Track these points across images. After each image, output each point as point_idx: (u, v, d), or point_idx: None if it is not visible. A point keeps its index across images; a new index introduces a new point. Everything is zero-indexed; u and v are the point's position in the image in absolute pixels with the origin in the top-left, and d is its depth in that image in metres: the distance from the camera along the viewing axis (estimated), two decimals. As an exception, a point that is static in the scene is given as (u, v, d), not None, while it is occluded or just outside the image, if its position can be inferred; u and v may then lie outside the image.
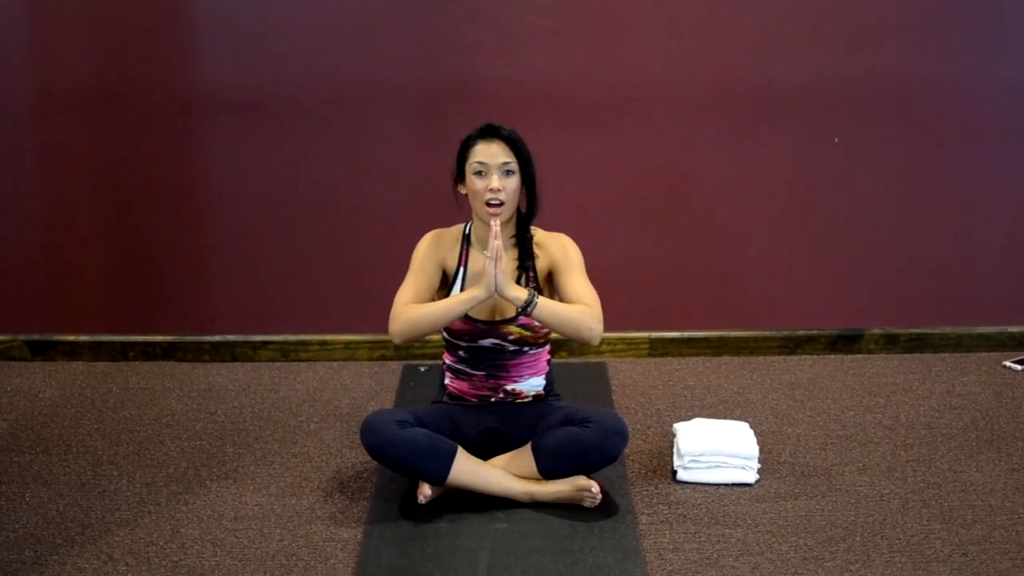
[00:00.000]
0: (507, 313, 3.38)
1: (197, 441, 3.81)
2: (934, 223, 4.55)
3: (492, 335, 3.37)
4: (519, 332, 3.37)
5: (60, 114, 4.41)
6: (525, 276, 3.39)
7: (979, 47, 4.42)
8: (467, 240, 3.44)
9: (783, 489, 3.42)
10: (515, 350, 3.40)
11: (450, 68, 4.36)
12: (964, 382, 4.29)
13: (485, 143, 3.33)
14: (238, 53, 4.35)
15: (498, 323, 3.38)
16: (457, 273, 3.42)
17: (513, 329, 3.37)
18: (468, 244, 3.44)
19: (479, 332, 3.37)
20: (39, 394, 4.24)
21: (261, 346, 4.58)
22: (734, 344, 4.60)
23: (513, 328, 3.37)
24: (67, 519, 3.26)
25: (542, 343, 3.45)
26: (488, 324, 3.37)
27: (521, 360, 3.43)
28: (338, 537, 3.14)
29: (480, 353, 3.41)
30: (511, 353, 3.41)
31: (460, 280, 3.41)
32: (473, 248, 3.43)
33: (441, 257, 3.43)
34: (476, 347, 3.40)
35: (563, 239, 3.46)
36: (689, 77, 4.39)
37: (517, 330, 3.37)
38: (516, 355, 3.42)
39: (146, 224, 4.51)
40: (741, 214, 4.53)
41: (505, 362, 3.42)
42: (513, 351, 3.41)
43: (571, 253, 3.42)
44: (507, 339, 3.38)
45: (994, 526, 3.18)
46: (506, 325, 3.37)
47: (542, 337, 3.42)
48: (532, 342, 3.41)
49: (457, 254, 3.43)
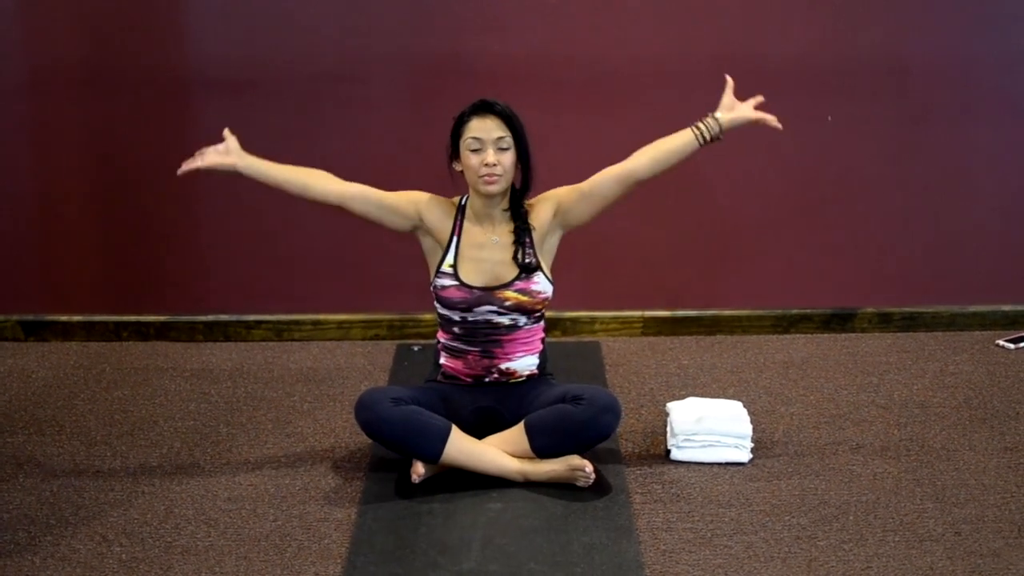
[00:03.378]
0: (503, 278, 3.38)
1: (190, 421, 3.81)
2: (927, 202, 4.55)
3: (488, 302, 3.38)
4: (516, 298, 3.38)
5: (51, 92, 4.39)
6: (522, 249, 3.39)
7: (973, 23, 4.41)
8: (462, 212, 3.45)
9: (777, 468, 3.42)
10: (510, 324, 3.40)
11: (443, 45, 4.34)
12: (957, 361, 4.29)
13: (479, 119, 3.34)
14: (230, 29, 4.34)
15: (494, 288, 3.38)
16: (450, 244, 3.42)
17: (510, 294, 3.37)
18: (463, 216, 3.44)
19: (475, 299, 3.37)
20: (32, 374, 4.23)
21: (254, 326, 4.57)
22: (727, 323, 4.60)
23: (510, 293, 3.37)
24: (61, 500, 3.26)
25: (538, 315, 3.45)
26: (484, 290, 3.38)
27: (515, 336, 3.43)
28: (332, 517, 3.14)
29: (475, 328, 3.41)
30: (506, 328, 3.41)
31: (454, 250, 3.41)
32: (467, 221, 3.44)
33: (434, 217, 3.44)
34: (470, 322, 3.40)
35: (545, 194, 3.49)
36: (681, 54, 4.38)
37: (514, 295, 3.38)
38: (511, 330, 3.42)
39: (139, 203, 4.49)
40: (734, 193, 4.52)
41: (500, 337, 3.42)
42: (508, 325, 3.40)
43: (558, 191, 3.47)
44: (503, 305, 3.38)
45: (987, 505, 3.19)
46: (502, 290, 3.38)
47: (539, 303, 3.42)
48: (529, 309, 3.40)
49: (451, 224, 3.43)
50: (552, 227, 3.45)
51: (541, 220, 3.44)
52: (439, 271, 3.41)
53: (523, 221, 3.42)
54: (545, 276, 3.42)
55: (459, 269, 3.40)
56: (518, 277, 3.37)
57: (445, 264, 3.41)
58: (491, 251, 3.40)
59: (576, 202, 3.44)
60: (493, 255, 3.40)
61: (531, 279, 3.39)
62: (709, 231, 4.55)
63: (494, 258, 3.40)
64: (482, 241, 3.41)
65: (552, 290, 3.45)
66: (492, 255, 3.40)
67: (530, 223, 3.43)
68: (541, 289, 3.41)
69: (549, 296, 3.45)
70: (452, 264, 3.40)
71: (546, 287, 3.42)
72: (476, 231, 3.42)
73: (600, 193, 3.43)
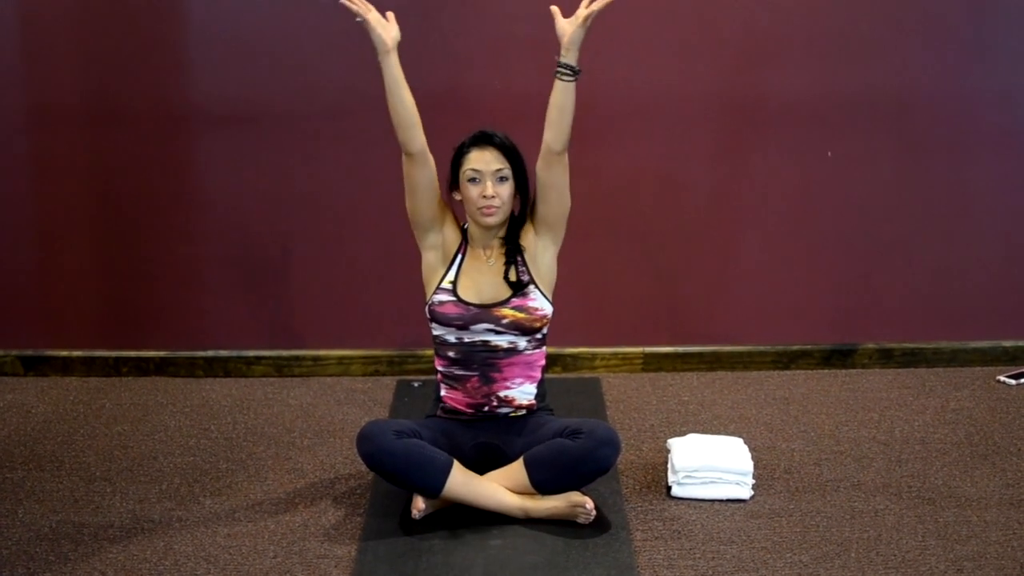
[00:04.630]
0: (500, 296, 3.39)
1: (190, 457, 3.80)
2: (928, 237, 4.56)
3: (485, 319, 3.38)
4: (513, 315, 3.38)
5: (53, 128, 4.40)
6: (514, 267, 3.43)
7: (972, 59, 4.43)
8: (465, 236, 3.49)
9: (778, 505, 3.41)
10: (508, 348, 3.40)
11: (441, 80, 4.35)
12: (958, 397, 4.29)
13: (479, 150, 3.38)
14: (229, 67, 4.35)
15: (491, 306, 3.39)
16: (453, 261, 3.45)
17: (507, 312, 3.38)
18: (466, 241, 3.48)
19: (471, 316, 3.38)
20: (32, 410, 4.22)
21: (254, 361, 4.57)
22: (728, 359, 4.59)
23: (507, 311, 3.38)
24: (60, 535, 3.25)
25: (538, 336, 3.45)
26: (481, 307, 3.39)
27: (514, 360, 3.42)
28: (332, 553, 3.13)
29: (471, 351, 3.41)
30: (504, 351, 3.41)
31: (455, 268, 3.44)
32: (469, 245, 3.48)
33: (448, 228, 3.47)
34: (467, 343, 3.40)
35: None
36: (682, 90, 4.40)
37: (511, 312, 3.38)
38: (509, 353, 3.41)
39: (139, 239, 4.50)
40: (734, 228, 4.53)
41: (498, 361, 3.41)
42: (506, 348, 3.40)
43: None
44: (501, 323, 3.38)
45: (989, 542, 3.18)
46: (499, 308, 3.39)
47: (537, 321, 3.42)
48: (527, 327, 3.40)
49: (459, 243, 3.47)
50: (539, 241, 3.45)
51: (528, 239, 3.47)
52: (438, 287, 3.43)
53: (514, 242, 3.45)
54: (542, 294, 3.43)
55: (458, 286, 3.42)
56: (514, 295, 3.39)
57: (445, 281, 3.43)
58: (488, 274, 3.43)
59: (537, 205, 3.43)
60: (490, 277, 3.43)
61: (527, 296, 3.39)
62: (709, 267, 4.55)
63: (491, 279, 3.42)
64: (480, 265, 3.44)
65: (552, 310, 3.45)
66: (489, 277, 3.43)
67: (520, 243, 3.46)
68: (539, 306, 3.41)
69: (548, 315, 3.45)
70: (452, 281, 3.42)
71: (544, 305, 3.42)
72: (476, 254, 3.46)
73: (542, 183, 3.40)
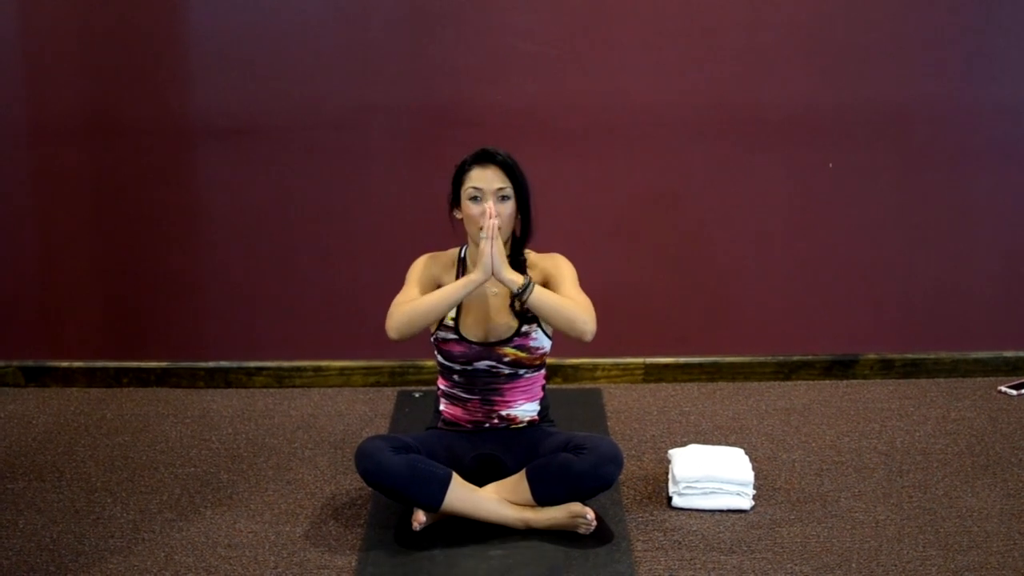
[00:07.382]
0: (503, 335, 3.38)
1: (191, 468, 3.80)
2: (928, 248, 4.56)
3: (488, 357, 3.37)
4: (514, 354, 3.37)
5: (54, 142, 4.41)
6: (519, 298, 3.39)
7: (971, 71, 4.44)
8: (462, 264, 3.45)
9: (779, 515, 3.41)
10: (510, 373, 3.40)
11: (442, 94, 4.37)
12: (959, 407, 4.29)
13: (480, 168, 3.35)
14: (231, 80, 4.36)
15: (494, 344, 3.38)
16: None
17: (509, 351, 3.37)
18: (463, 268, 3.44)
19: (475, 354, 3.37)
20: (33, 420, 4.22)
21: (255, 372, 4.57)
22: (729, 370, 4.59)
23: (509, 350, 3.37)
24: (61, 546, 3.24)
25: (538, 365, 3.45)
26: (484, 346, 3.38)
27: (516, 384, 3.43)
28: (332, 564, 3.13)
29: (474, 377, 3.41)
30: (506, 377, 3.41)
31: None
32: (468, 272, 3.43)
33: (436, 275, 3.44)
34: (471, 371, 3.40)
35: (556, 257, 3.47)
36: (682, 104, 4.41)
37: (512, 351, 3.37)
38: (511, 379, 3.42)
39: (140, 251, 4.51)
40: (735, 240, 4.53)
41: (500, 386, 3.42)
42: (508, 374, 3.40)
43: (563, 267, 3.43)
44: (502, 361, 3.37)
45: (990, 552, 3.18)
46: (502, 347, 3.37)
47: (538, 359, 3.42)
48: (528, 364, 3.41)
49: (453, 276, 3.43)
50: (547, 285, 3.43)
51: (540, 275, 3.42)
52: (441, 324, 3.41)
53: (522, 269, 3.41)
54: (543, 332, 3.41)
55: (460, 323, 3.39)
56: (517, 333, 3.36)
57: (447, 318, 3.40)
58: (491, 301, 3.40)
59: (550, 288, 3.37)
60: (494, 304, 3.40)
61: (528, 336, 3.38)
62: (710, 278, 4.56)
63: (495, 306, 3.40)
64: (482, 294, 3.39)
65: (550, 345, 3.45)
66: (492, 304, 3.40)
67: (529, 274, 3.40)
68: (539, 345, 3.41)
69: (547, 351, 3.45)
70: (454, 318, 3.40)
71: (544, 342, 3.42)
72: None
73: None
